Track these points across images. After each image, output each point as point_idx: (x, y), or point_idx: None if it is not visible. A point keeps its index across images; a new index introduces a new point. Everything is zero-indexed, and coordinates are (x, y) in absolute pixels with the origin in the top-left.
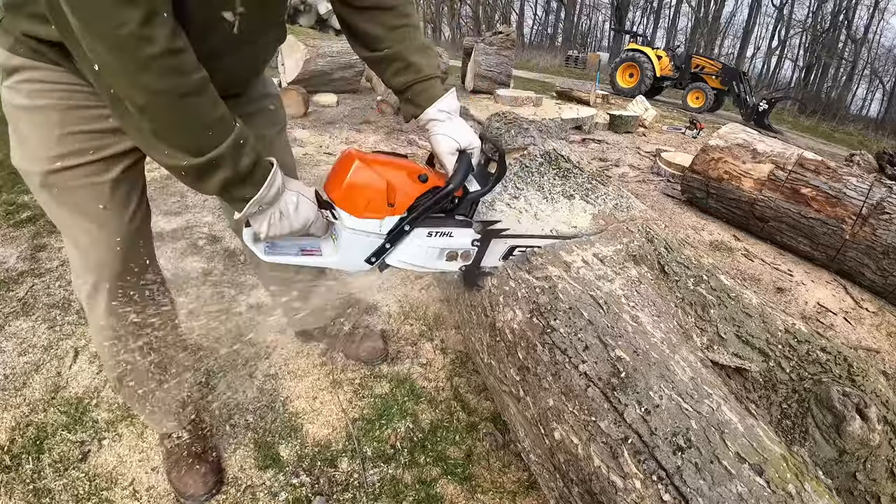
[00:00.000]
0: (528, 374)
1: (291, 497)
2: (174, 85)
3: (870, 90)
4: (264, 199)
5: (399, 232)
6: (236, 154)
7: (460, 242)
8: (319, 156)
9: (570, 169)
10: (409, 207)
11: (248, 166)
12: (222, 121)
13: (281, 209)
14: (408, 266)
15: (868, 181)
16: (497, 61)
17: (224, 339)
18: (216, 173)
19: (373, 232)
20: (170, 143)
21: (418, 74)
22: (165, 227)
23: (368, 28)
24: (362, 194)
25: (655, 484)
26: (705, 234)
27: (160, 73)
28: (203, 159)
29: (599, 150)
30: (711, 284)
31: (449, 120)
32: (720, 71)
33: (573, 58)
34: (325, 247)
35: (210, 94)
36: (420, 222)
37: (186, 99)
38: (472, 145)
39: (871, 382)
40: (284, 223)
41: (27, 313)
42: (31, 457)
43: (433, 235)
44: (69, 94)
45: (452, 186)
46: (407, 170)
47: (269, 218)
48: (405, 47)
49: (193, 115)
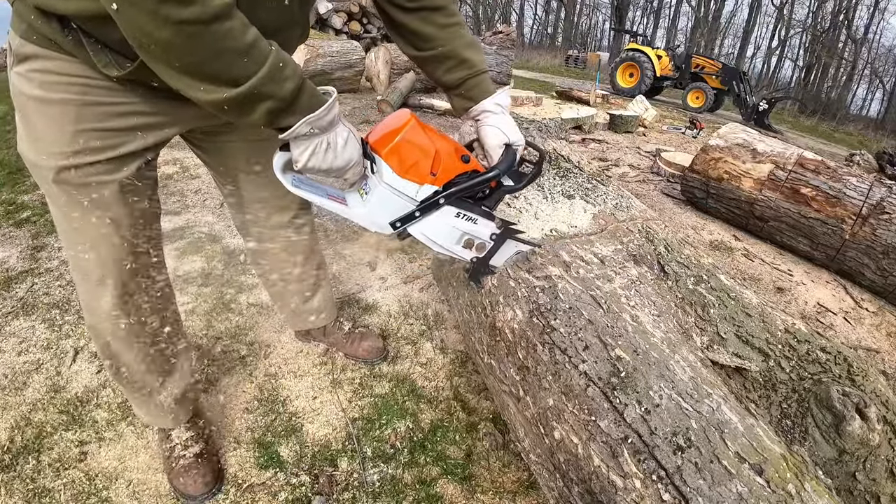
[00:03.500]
0: (528, 374)
1: (291, 497)
2: (199, 12)
3: (870, 90)
4: (318, 123)
5: (432, 203)
6: (278, 79)
7: (481, 231)
8: None
9: (570, 169)
10: (446, 183)
11: (292, 91)
12: (256, 45)
13: (330, 140)
14: (427, 241)
15: (868, 181)
16: (497, 61)
17: (224, 335)
18: (260, 103)
19: (408, 195)
20: (203, 76)
21: (472, 70)
22: (166, 227)
23: (420, 28)
24: (411, 154)
25: (655, 483)
26: (705, 233)
27: (183, 1)
28: (243, 89)
29: (599, 150)
30: (711, 284)
31: (502, 114)
32: (720, 71)
33: (573, 58)
34: (351, 198)
35: (238, 17)
36: (453, 200)
37: (213, 25)
38: (519, 142)
39: (870, 382)
40: (329, 155)
41: (27, 313)
42: (31, 456)
43: (461, 217)
44: (85, 88)
45: (495, 173)
46: (454, 146)
47: (314, 146)
48: (457, 45)
49: (223, 42)
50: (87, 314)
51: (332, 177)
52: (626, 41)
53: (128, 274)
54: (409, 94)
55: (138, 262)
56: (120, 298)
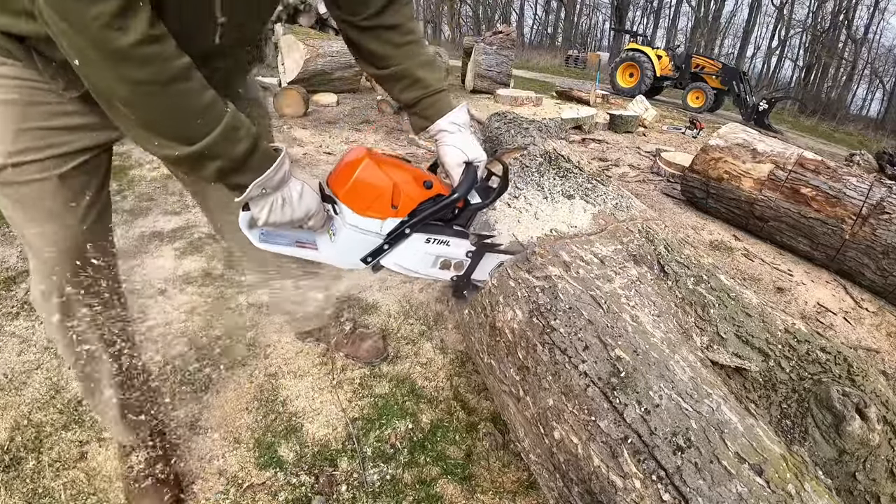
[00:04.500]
0: (527, 374)
1: (291, 497)
2: (156, 73)
3: (870, 90)
4: (269, 184)
5: (399, 234)
6: (230, 141)
7: (455, 252)
8: (319, 155)
9: (570, 169)
10: (411, 211)
11: (244, 152)
12: (212, 107)
13: (284, 196)
14: (402, 269)
15: (868, 181)
16: (497, 61)
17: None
18: (211, 161)
19: (373, 231)
20: (158, 133)
21: (427, 89)
22: (165, 227)
23: (374, 47)
24: (368, 192)
25: (655, 484)
26: (705, 233)
27: (140, 63)
28: (195, 148)
29: (599, 150)
30: (711, 284)
31: (459, 132)
32: (720, 71)
33: (573, 58)
34: (321, 241)
35: (196, 79)
36: (420, 228)
37: (170, 87)
38: (479, 159)
39: (870, 382)
40: (286, 210)
41: (27, 313)
42: (31, 456)
43: (431, 242)
44: (31, 90)
45: (457, 195)
46: (413, 174)
47: (270, 203)
48: (412, 64)
49: (179, 103)
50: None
51: (297, 227)
52: (626, 41)
53: (74, 276)
54: None
55: (84, 264)
56: (68, 302)
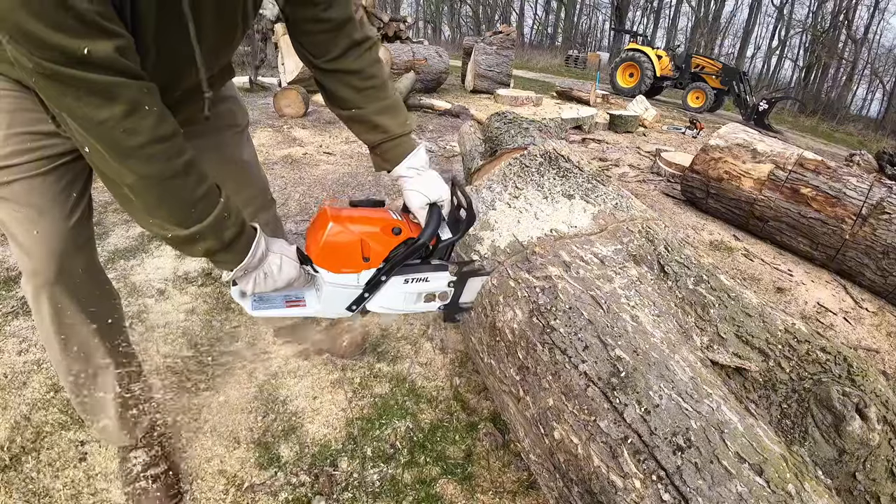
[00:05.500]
0: (527, 374)
1: (291, 497)
2: (159, 170)
3: (870, 90)
4: (249, 266)
5: (376, 282)
6: (219, 227)
7: (436, 286)
8: (319, 156)
9: (570, 169)
10: (384, 259)
11: (231, 237)
12: (206, 197)
13: (265, 271)
14: (388, 310)
15: (868, 181)
16: (497, 61)
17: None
18: (200, 244)
19: (350, 284)
20: (155, 216)
21: (386, 134)
22: None
23: (336, 88)
24: (338, 253)
25: (655, 484)
26: (705, 234)
27: (146, 160)
28: (187, 232)
29: (599, 150)
30: (711, 284)
31: (418, 175)
32: (720, 71)
33: (573, 58)
34: (309, 296)
35: (195, 174)
36: (396, 272)
37: (171, 181)
38: (441, 198)
39: (870, 382)
40: (269, 282)
41: (27, 313)
42: (31, 456)
43: (410, 282)
44: (18, 98)
45: (423, 241)
46: (381, 224)
47: (254, 279)
48: (372, 109)
49: (177, 195)
50: (34, 318)
51: (283, 291)
52: (626, 41)
53: (62, 275)
54: (410, 94)
55: (73, 262)
56: (58, 301)
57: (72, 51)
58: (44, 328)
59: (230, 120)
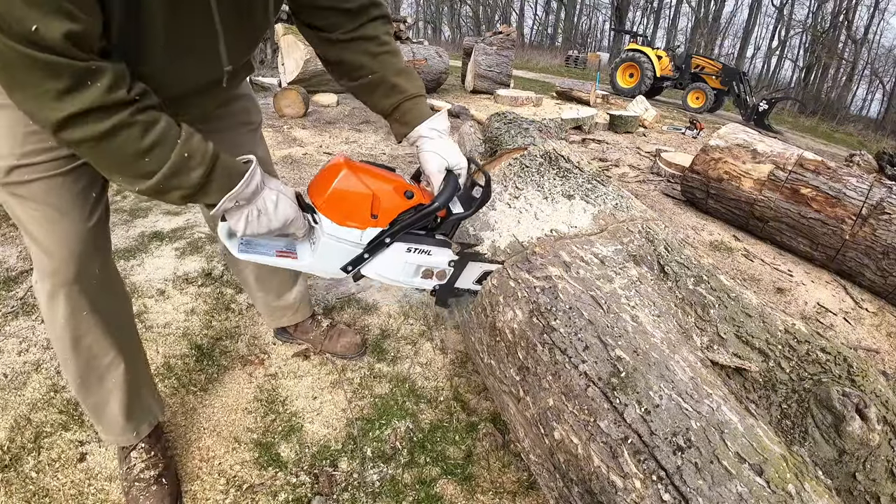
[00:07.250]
0: (528, 374)
1: (291, 497)
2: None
3: (870, 90)
4: (241, 196)
5: (379, 244)
6: (183, 171)
7: (437, 261)
8: (319, 156)
9: (570, 169)
10: (391, 221)
11: (199, 178)
12: (158, 145)
13: (259, 207)
14: (383, 279)
15: (868, 181)
16: (497, 61)
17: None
18: (172, 191)
19: (352, 241)
20: (116, 174)
21: (405, 94)
22: (165, 227)
23: (351, 58)
24: (346, 202)
25: (655, 484)
26: (705, 234)
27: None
28: (151, 183)
29: (599, 150)
30: (711, 284)
31: (439, 138)
32: (720, 71)
33: (573, 58)
34: (302, 250)
35: (138, 123)
36: (400, 237)
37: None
38: (459, 165)
39: (870, 382)
40: (263, 221)
41: (27, 313)
42: (31, 456)
43: (412, 251)
44: None
45: (437, 205)
46: (394, 184)
47: (246, 215)
48: (388, 72)
49: (121, 150)
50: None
51: (277, 235)
52: (626, 41)
53: (80, 275)
54: None
55: (90, 262)
56: (74, 301)
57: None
58: (56, 327)
59: (245, 118)
